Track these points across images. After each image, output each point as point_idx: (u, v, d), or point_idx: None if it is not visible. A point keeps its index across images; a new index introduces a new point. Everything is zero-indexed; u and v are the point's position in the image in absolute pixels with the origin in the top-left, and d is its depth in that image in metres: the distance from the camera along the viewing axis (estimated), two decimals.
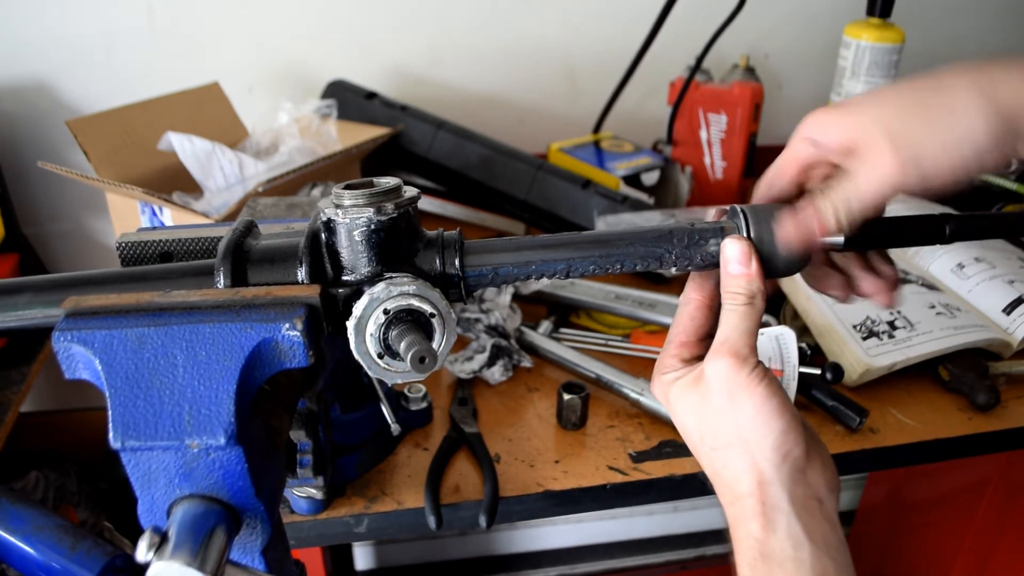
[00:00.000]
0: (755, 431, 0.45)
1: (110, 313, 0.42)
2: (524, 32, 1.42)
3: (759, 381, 0.45)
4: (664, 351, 0.52)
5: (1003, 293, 0.94)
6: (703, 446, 0.48)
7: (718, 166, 1.29)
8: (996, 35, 1.59)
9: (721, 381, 0.46)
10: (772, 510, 0.44)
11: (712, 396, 0.46)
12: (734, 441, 0.46)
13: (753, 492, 0.45)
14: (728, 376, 0.45)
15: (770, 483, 0.45)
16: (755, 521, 0.44)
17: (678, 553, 1.97)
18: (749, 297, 0.47)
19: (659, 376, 0.51)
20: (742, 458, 0.45)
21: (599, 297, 0.99)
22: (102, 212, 1.41)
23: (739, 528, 0.46)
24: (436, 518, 0.72)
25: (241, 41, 1.34)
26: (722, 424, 0.46)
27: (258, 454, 0.42)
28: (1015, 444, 0.85)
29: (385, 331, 0.44)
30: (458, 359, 0.90)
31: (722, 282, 0.48)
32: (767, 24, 1.47)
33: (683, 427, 0.50)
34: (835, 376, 0.82)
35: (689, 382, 0.48)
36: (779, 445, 0.45)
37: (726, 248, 0.47)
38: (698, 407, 0.47)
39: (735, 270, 0.47)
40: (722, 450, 0.46)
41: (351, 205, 0.45)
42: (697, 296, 0.52)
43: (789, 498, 0.44)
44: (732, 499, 0.46)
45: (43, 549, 0.55)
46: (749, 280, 0.47)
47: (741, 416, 0.45)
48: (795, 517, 0.44)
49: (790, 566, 0.43)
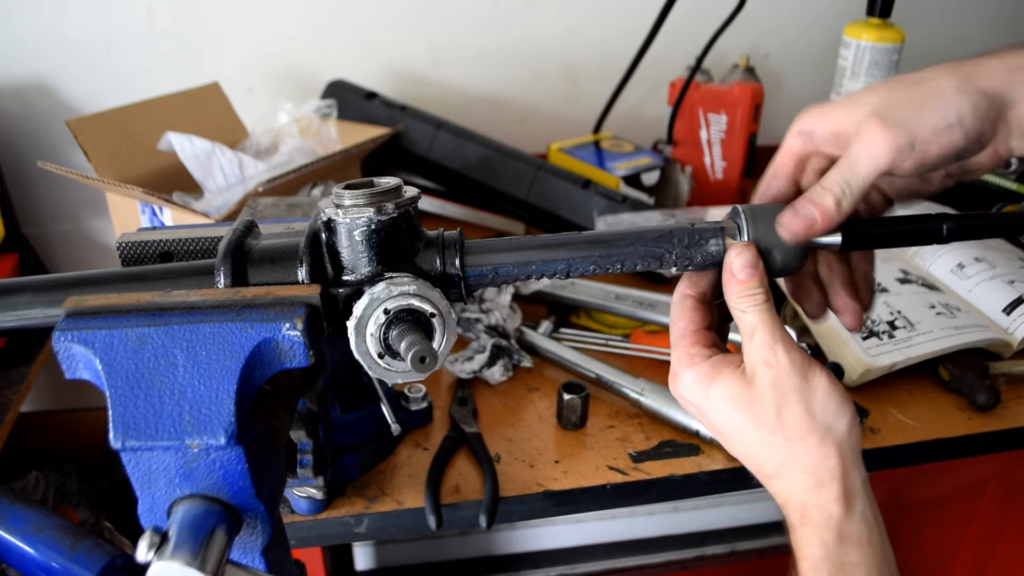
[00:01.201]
0: (830, 417, 0.46)
1: (110, 313, 0.42)
2: (524, 32, 1.42)
3: (821, 369, 0.47)
4: (679, 346, 0.51)
5: (1003, 293, 0.93)
6: (773, 438, 0.47)
7: (718, 166, 1.29)
8: (996, 35, 1.59)
9: (787, 374, 0.46)
10: (851, 494, 0.46)
11: (777, 389, 0.46)
12: (813, 430, 0.46)
13: (838, 476, 0.46)
14: (796, 369, 0.46)
15: (851, 467, 0.46)
16: (837, 504, 0.46)
17: (678, 553, 1.96)
18: (766, 294, 0.48)
19: (686, 369, 0.50)
20: (826, 445, 0.46)
21: (599, 297, 0.99)
22: (102, 212, 1.41)
23: (816, 512, 0.46)
24: (436, 518, 0.72)
25: (241, 41, 1.34)
26: (796, 413, 0.46)
27: (258, 454, 0.42)
28: (1015, 444, 0.85)
29: (385, 331, 0.44)
30: (458, 359, 0.90)
31: (733, 289, 0.48)
32: (767, 24, 1.47)
33: (731, 426, 0.49)
34: (835, 376, 0.82)
35: (738, 379, 0.48)
36: (851, 431, 0.47)
37: (734, 260, 0.48)
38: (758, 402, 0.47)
39: (747, 275, 0.47)
40: (799, 440, 0.46)
41: (351, 205, 0.45)
42: (692, 292, 0.52)
43: (862, 482, 0.47)
44: (813, 484, 0.46)
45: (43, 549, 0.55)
46: (762, 278, 0.48)
47: (816, 404, 0.46)
48: (867, 501, 0.46)
49: (866, 548, 0.45)
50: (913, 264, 1.04)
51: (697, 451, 0.79)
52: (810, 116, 0.48)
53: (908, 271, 1.00)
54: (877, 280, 0.96)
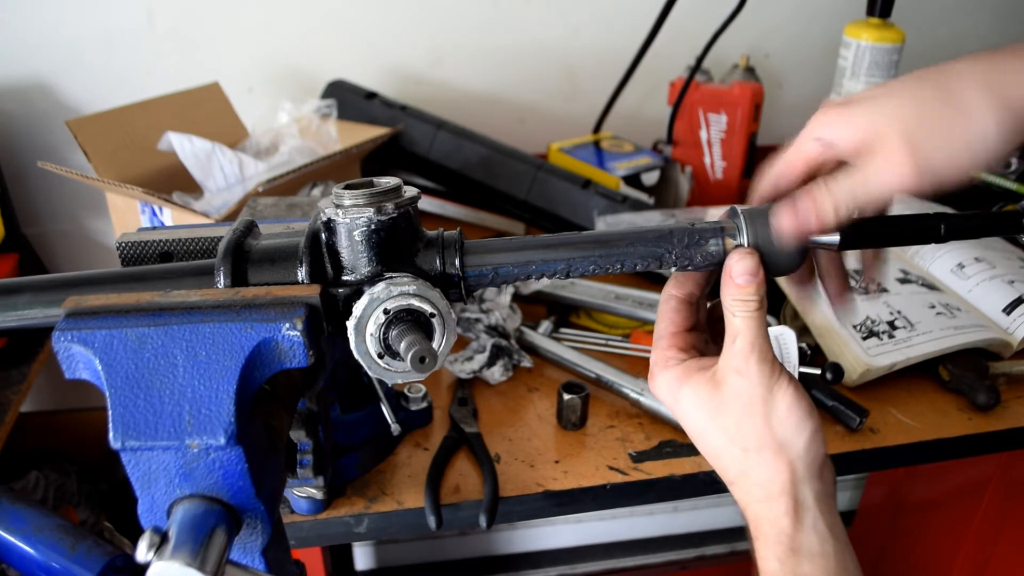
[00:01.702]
0: (789, 432, 0.47)
1: (110, 313, 0.42)
2: (524, 32, 1.42)
3: (789, 383, 0.47)
4: (657, 347, 0.52)
5: (1003, 293, 0.93)
6: (732, 447, 0.48)
7: (718, 166, 1.29)
8: (996, 35, 1.59)
9: (754, 385, 0.46)
10: (801, 507, 0.46)
11: (741, 399, 0.47)
12: (768, 443, 0.47)
13: (787, 490, 0.46)
14: (762, 380, 0.46)
15: (802, 481, 0.47)
16: (787, 518, 0.46)
17: (678, 553, 1.96)
18: (760, 302, 0.47)
19: (662, 372, 0.51)
20: (777, 459, 0.47)
21: (599, 297, 0.99)
22: (102, 212, 1.41)
23: (767, 525, 0.47)
24: (436, 518, 0.72)
25: (241, 41, 1.34)
26: (754, 426, 0.47)
27: (258, 454, 0.42)
28: (1015, 444, 0.85)
29: (385, 331, 0.44)
30: (458, 359, 0.90)
31: (728, 291, 0.48)
32: (767, 24, 1.47)
33: (699, 429, 0.50)
34: (835, 376, 0.82)
35: (706, 383, 0.48)
36: (809, 446, 0.47)
37: (735, 264, 0.47)
38: (722, 409, 0.48)
39: (746, 281, 0.47)
40: (755, 451, 0.47)
41: (351, 205, 0.45)
42: (677, 293, 0.52)
43: (814, 495, 0.47)
44: (762, 498, 0.47)
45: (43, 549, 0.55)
46: (758, 287, 0.47)
47: (775, 418, 0.47)
48: (819, 514, 0.46)
49: (819, 560, 0.46)
50: (913, 264, 1.04)
51: (697, 451, 0.79)
52: (829, 121, 0.45)
53: (908, 271, 1.00)
54: (877, 280, 0.96)
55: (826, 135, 0.45)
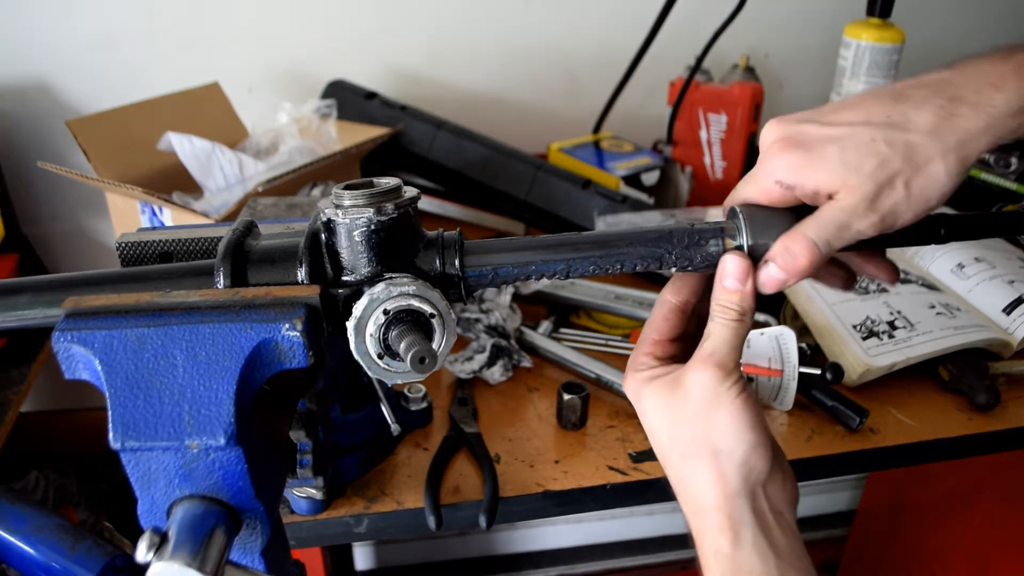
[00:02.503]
0: (726, 442, 0.46)
1: (110, 313, 0.42)
2: (524, 32, 1.42)
3: (738, 394, 0.46)
4: (637, 349, 0.52)
5: (1003, 293, 0.93)
6: (671, 452, 0.48)
7: (718, 166, 1.29)
8: (996, 35, 1.59)
9: (701, 391, 0.46)
10: (738, 524, 0.45)
11: (689, 403, 0.46)
12: (704, 451, 0.46)
13: (719, 505, 0.45)
14: (709, 386, 0.46)
15: (735, 496, 0.45)
16: (723, 536, 0.45)
17: (678, 553, 1.97)
18: (741, 314, 0.47)
19: (632, 373, 0.51)
20: (710, 469, 0.46)
21: (599, 297, 0.99)
22: (102, 212, 1.41)
23: (705, 541, 0.46)
24: (436, 518, 0.72)
25: (241, 41, 1.34)
26: (694, 432, 0.46)
27: (258, 454, 0.42)
28: (1015, 444, 0.85)
29: (385, 331, 0.44)
30: (458, 359, 0.90)
31: (715, 293, 0.48)
32: (767, 24, 1.47)
33: (651, 430, 0.50)
34: (835, 376, 0.82)
35: (665, 384, 0.48)
36: (747, 459, 0.45)
37: (726, 263, 0.47)
38: (671, 412, 0.47)
39: (732, 285, 0.47)
40: (691, 458, 0.47)
41: (351, 205, 0.45)
42: (672, 300, 0.52)
43: (753, 511, 0.45)
44: (696, 510, 0.47)
45: (43, 549, 0.55)
46: (743, 298, 0.47)
47: (714, 426, 0.46)
48: (759, 531, 0.45)
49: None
50: (913, 264, 1.04)
51: None
52: (787, 166, 0.45)
53: (908, 271, 1.00)
54: (877, 280, 0.97)
55: (787, 180, 0.46)
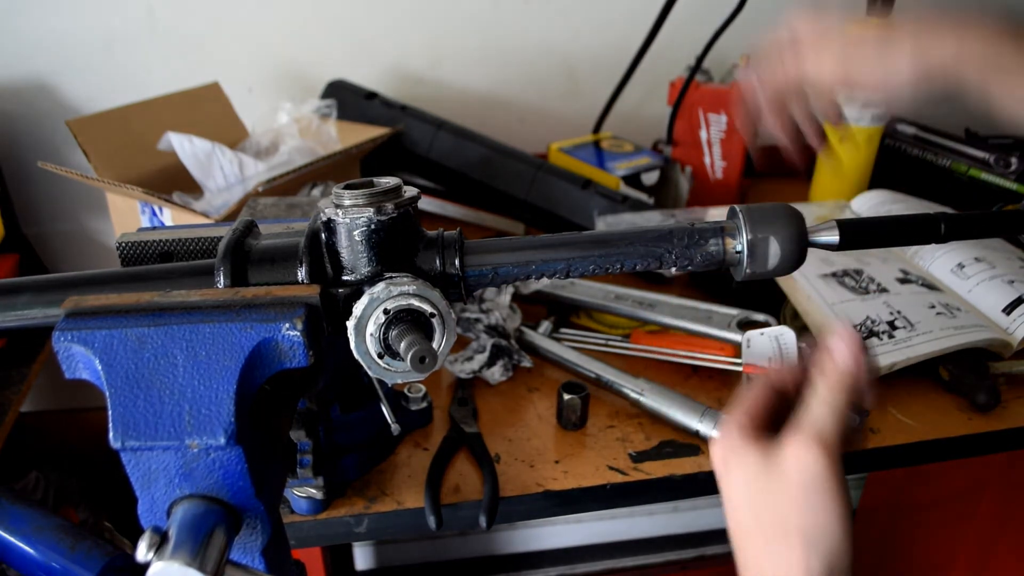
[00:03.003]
0: (822, 534, 0.43)
1: (110, 313, 0.42)
2: (524, 32, 1.42)
3: (840, 481, 0.44)
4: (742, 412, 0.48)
5: (1003, 293, 0.93)
6: (756, 534, 0.46)
7: (718, 166, 1.29)
8: None
9: (801, 472, 0.44)
10: None
11: (784, 484, 0.44)
12: (795, 540, 0.44)
13: None
14: (813, 470, 0.44)
15: None
16: None
17: (678, 553, 1.97)
18: (845, 392, 0.46)
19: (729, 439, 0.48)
20: (800, 562, 0.43)
21: (599, 297, 0.99)
22: (102, 212, 1.41)
23: None
24: (436, 518, 0.72)
25: (241, 41, 1.34)
26: (787, 517, 0.44)
27: (258, 454, 0.42)
28: (1015, 444, 0.85)
29: (385, 331, 0.44)
30: (458, 359, 0.90)
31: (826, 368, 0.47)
32: (767, 24, 1.47)
33: (735, 505, 0.47)
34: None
35: (759, 457, 0.46)
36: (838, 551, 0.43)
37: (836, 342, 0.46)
38: (763, 490, 0.45)
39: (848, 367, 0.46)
40: (778, 544, 0.44)
41: (351, 205, 0.45)
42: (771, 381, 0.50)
43: None
44: None
45: (43, 549, 0.55)
46: (856, 379, 0.46)
47: (810, 515, 0.43)
48: None
49: None
50: (913, 264, 1.04)
51: (697, 451, 0.79)
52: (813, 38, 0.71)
53: (908, 271, 1.00)
54: (877, 280, 0.96)
55: None
